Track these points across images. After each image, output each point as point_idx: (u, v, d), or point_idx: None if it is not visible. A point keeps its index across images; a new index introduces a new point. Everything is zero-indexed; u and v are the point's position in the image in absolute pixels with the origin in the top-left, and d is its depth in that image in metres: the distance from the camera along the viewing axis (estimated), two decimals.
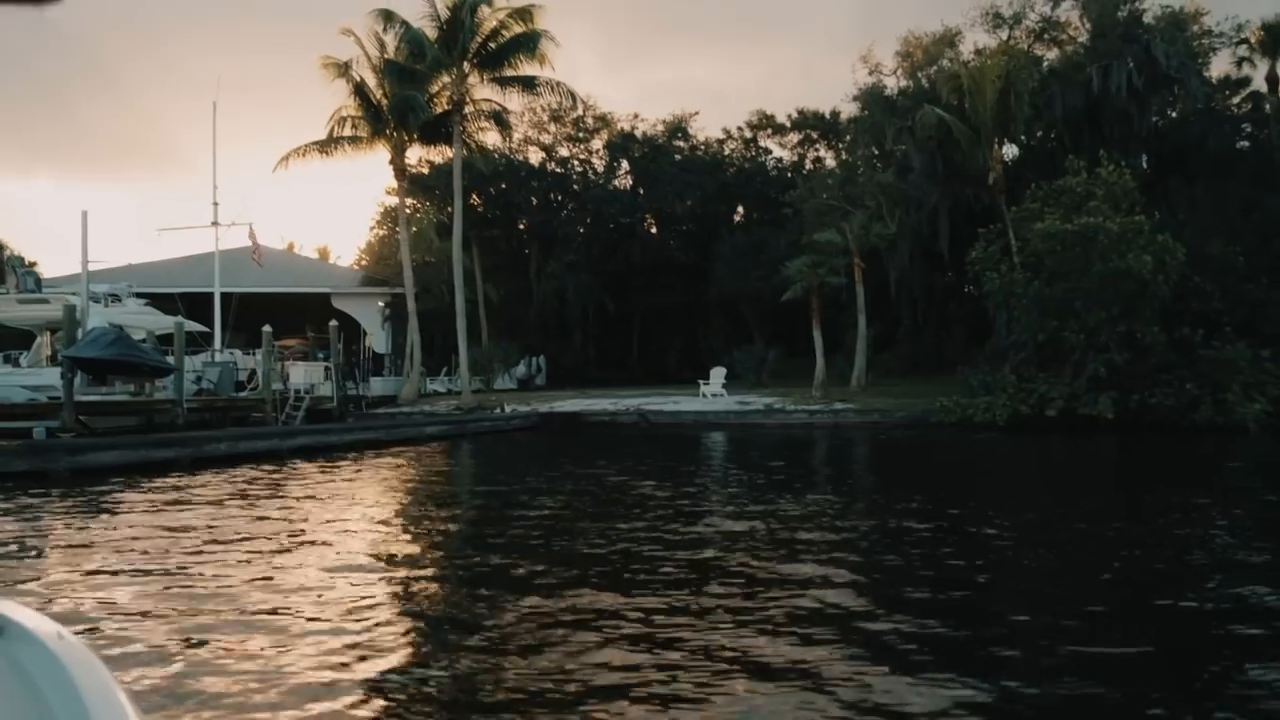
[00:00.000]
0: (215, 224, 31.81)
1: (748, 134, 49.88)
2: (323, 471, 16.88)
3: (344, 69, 32.37)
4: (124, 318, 26.41)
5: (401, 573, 7.95)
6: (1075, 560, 8.40)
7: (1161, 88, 33.62)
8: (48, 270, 37.50)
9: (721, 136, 50.05)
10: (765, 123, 49.49)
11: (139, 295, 29.79)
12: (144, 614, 6.35)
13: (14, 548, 9.19)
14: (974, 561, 8.50)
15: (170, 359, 23.00)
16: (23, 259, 31.91)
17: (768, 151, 50.29)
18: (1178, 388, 25.09)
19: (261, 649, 5.48)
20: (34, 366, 25.54)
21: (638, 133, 48.31)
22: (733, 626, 5.86)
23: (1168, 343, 25.73)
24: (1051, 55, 36.61)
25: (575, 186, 47.33)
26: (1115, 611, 6.47)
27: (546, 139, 46.75)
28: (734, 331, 44.21)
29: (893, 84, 39.39)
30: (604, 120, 47.63)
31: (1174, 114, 36.31)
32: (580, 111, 44.51)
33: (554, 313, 45.87)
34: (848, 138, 42.30)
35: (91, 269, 26.63)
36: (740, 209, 50.22)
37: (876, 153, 38.87)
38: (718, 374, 32.82)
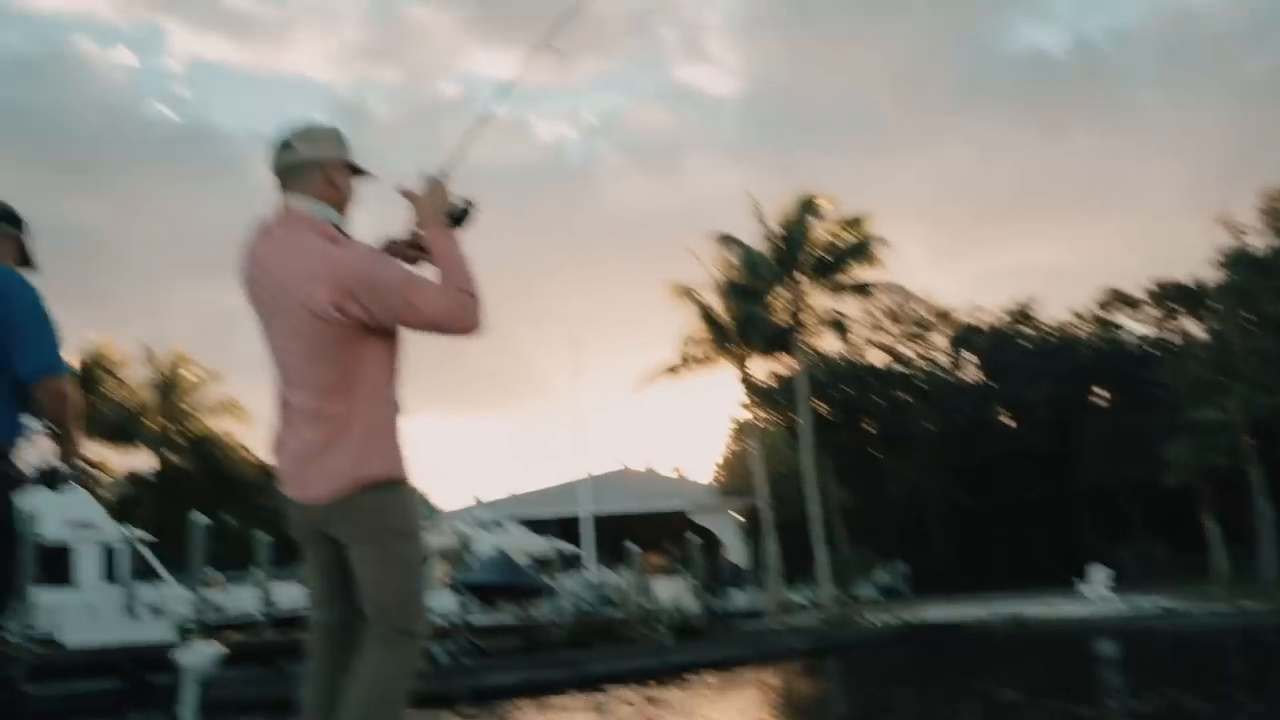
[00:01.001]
0: (581, 452, 33.96)
1: (1097, 312, 47.51)
2: (710, 689, 16.92)
3: (689, 293, 34.34)
4: (506, 543, 28.40)
5: None
6: None
7: None
8: (436, 501, 41.29)
9: (1069, 317, 47.97)
10: (1115, 298, 46.98)
11: (517, 521, 32.09)
12: None
13: None
14: None
15: (547, 581, 24.36)
16: (422, 494, 35.38)
17: (1120, 328, 47.56)
18: None
19: None
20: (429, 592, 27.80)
21: (979, 323, 47.34)
22: None
23: None
24: None
25: (920, 383, 46.69)
26: None
27: (887, 339, 46.81)
28: (1108, 524, 40.90)
29: (1259, 243, 36.50)
30: (943, 314, 47.16)
31: None
32: (917, 308, 44.41)
33: (910, 514, 44.56)
34: (1215, 306, 39.30)
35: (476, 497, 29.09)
36: (1100, 391, 47.30)
37: (1252, 320, 35.72)
38: (1099, 573, 30.26)
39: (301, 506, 2.79)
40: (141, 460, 40.35)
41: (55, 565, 18.40)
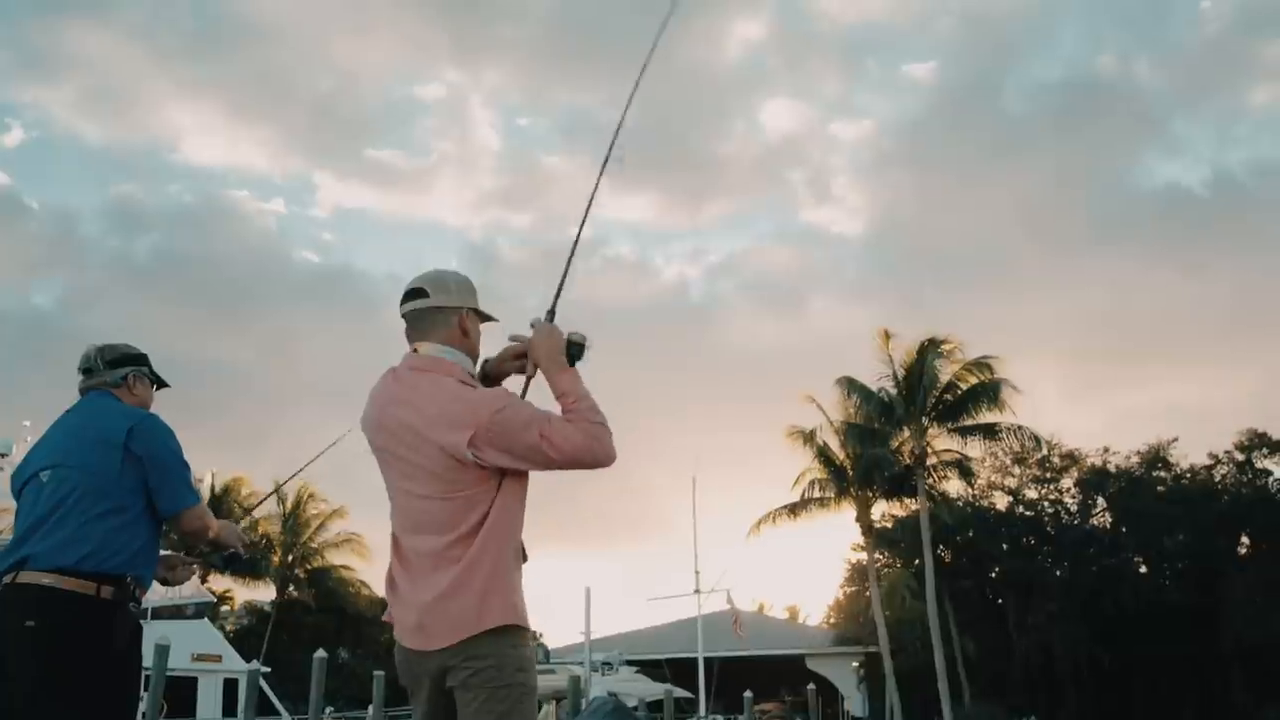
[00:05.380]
0: (697, 591, 33.43)
1: (1239, 456, 45.27)
2: None
3: (809, 436, 34.00)
4: (618, 686, 27.92)
5: None
6: None
7: None
8: (544, 639, 40.95)
9: (1208, 461, 45.77)
10: (1259, 441, 44.76)
11: (629, 663, 31.56)
12: None
13: None
14: None
15: None
16: (534, 633, 35.13)
17: (1268, 473, 45.10)
18: None
19: None
20: None
21: (1110, 466, 45.55)
22: None
23: None
24: None
25: (1048, 529, 44.90)
26: None
27: (1012, 482, 45.35)
28: (1258, 682, 38.16)
29: None
30: (1072, 457, 45.57)
31: None
32: (1045, 451, 43.02)
33: (1039, 668, 42.29)
34: None
35: (588, 637, 28.74)
36: (1245, 540, 44.74)
37: None
38: None
39: (417, 653, 2.78)
40: (262, 592, 41.24)
41: (180, 697, 18.71)
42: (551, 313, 3.02)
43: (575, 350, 2.94)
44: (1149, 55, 71.52)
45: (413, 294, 2.96)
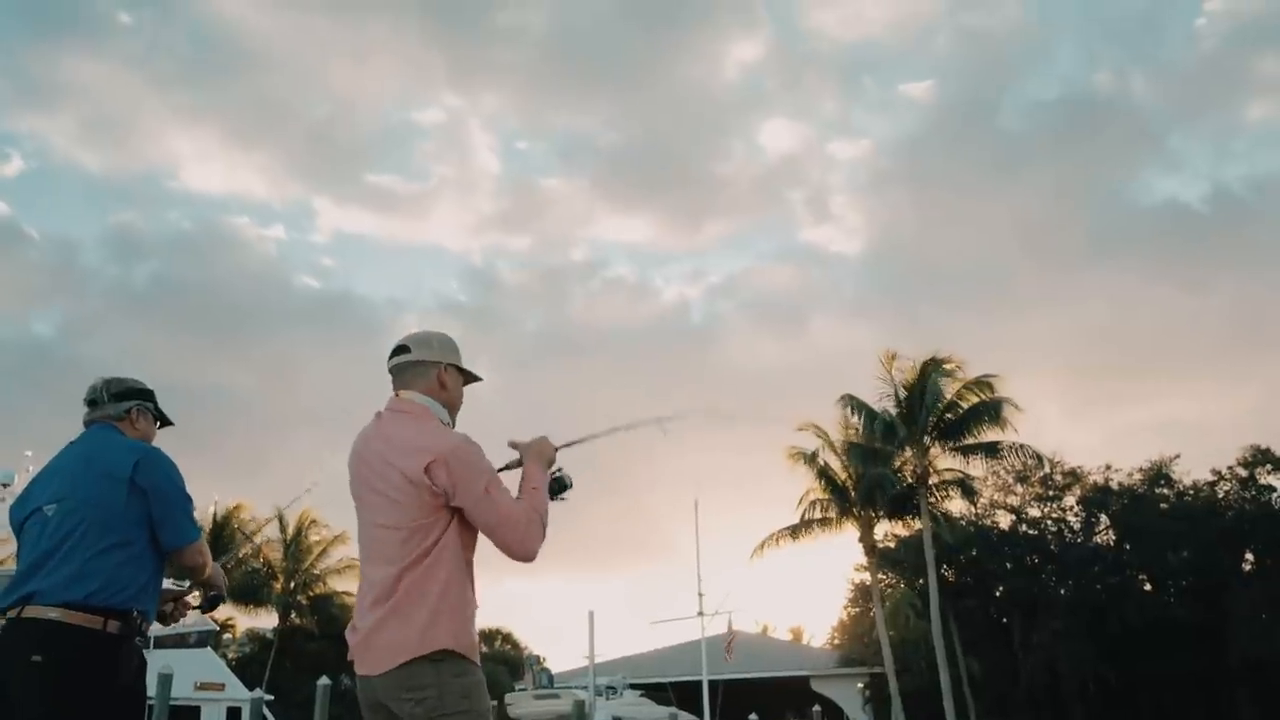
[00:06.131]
0: (701, 614, 33.31)
1: (1241, 472, 45.17)
2: None
3: (811, 457, 33.97)
4: (623, 710, 27.78)
5: None
6: None
7: None
8: (549, 663, 40.82)
9: (1211, 478, 45.67)
10: (1262, 457, 44.68)
11: (633, 686, 31.39)
12: None
13: None
14: None
15: None
16: (538, 657, 35.07)
17: (1271, 489, 44.99)
18: None
19: None
20: None
21: (1113, 483, 45.45)
22: None
23: None
24: None
25: (1052, 547, 44.77)
26: None
27: (1014, 501, 45.25)
28: (1270, 700, 37.95)
29: None
30: (1074, 475, 45.49)
31: None
32: (1047, 469, 42.96)
33: (1045, 686, 42.07)
34: None
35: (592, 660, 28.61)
36: (1250, 556, 44.59)
37: None
38: None
39: (365, 680, 2.86)
40: (264, 619, 41.09)
41: None
42: (566, 445, 3.27)
43: (557, 485, 3.18)
44: (1145, 71, 72.00)
45: (397, 351, 3.16)
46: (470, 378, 3.20)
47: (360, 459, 3.04)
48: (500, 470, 3.11)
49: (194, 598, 3.97)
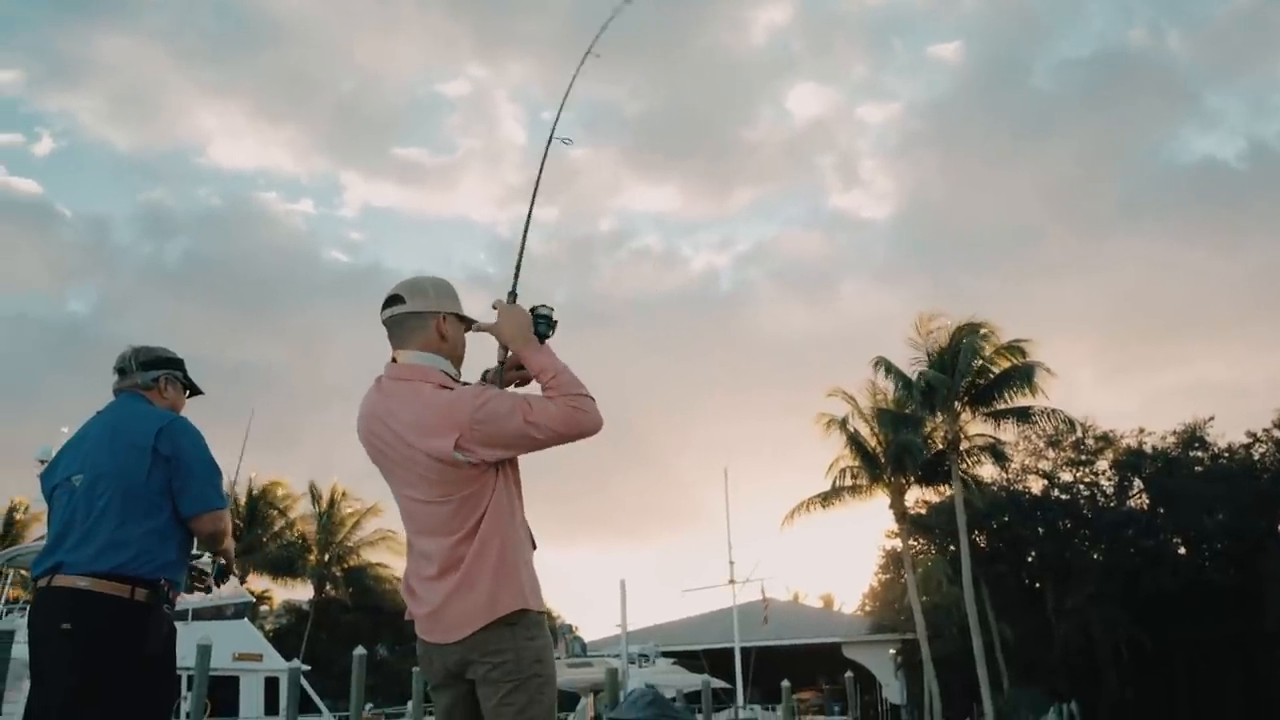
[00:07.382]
0: (732, 581, 33.39)
1: (1277, 434, 44.62)
2: None
3: (841, 423, 33.85)
4: (656, 677, 27.88)
5: None
6: None
7: None
8: (581, 632, 41.11)
9: (1246, 440, 45.14)
10: None
11: (665, 654, 31.57)
12: None
13: None
14: None
15: (699, 717, 23.74)
16: (570, 626, 35.29)
17: None
18: None
19: None
20: None
21: (1146, 447, 45.03)
22: None
23: None
24: None
25: (1085, 512, 44.47)
26: None
27: (1046, 465, 44.94)
28: None
29: None
30: (1106, 439, 45.09)
31: None
32: (1079, 434, 42.60)
33: (1079, 651, 41.89)
34: None
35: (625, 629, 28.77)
36: None
37: None
38: None
39: (437, 647, 2.84)
40: (300, 591, 41.60)
41: (223, 697, 18.91)
42: (513, 293, 3.05)
43: (543, 324, 2.95)
44: (1180, 28, 70.69)
45: (390, 301, 3.00)
46: (469, 322, 3.02)
47: (372, 433, 2.93)
48: (500, 376, 3.03)
49: (206, 563, 3.97)
